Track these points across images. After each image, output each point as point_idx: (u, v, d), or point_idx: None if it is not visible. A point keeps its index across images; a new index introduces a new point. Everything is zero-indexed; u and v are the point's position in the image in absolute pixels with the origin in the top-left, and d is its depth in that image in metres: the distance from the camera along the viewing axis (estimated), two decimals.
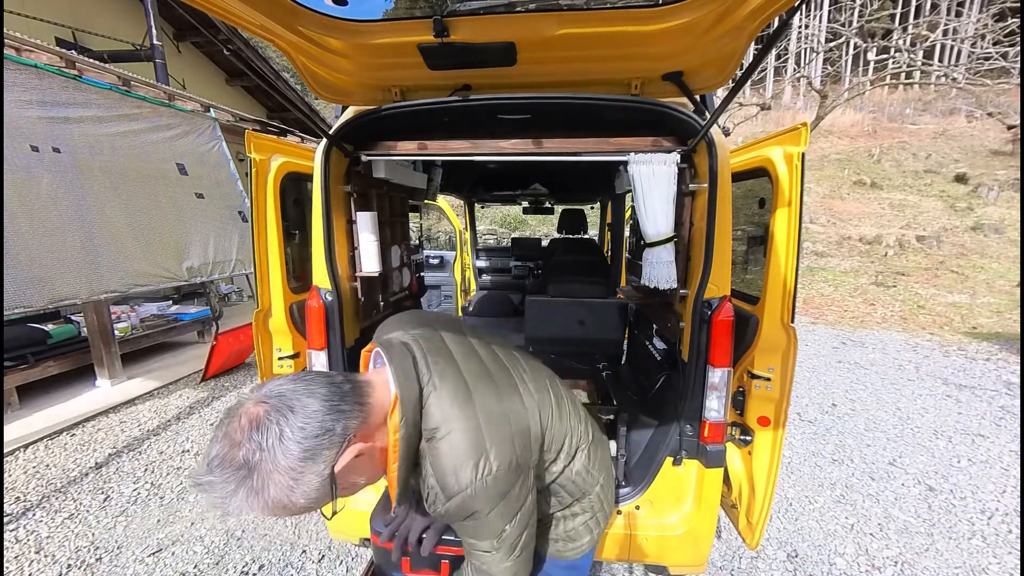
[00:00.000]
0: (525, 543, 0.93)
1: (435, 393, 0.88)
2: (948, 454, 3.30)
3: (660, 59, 1.33)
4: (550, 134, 1.62)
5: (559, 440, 1.04)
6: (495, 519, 0.86)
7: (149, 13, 5.73)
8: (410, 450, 0.86)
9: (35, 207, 3.10)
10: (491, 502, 0.84)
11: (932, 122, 18.42)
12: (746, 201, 2.01)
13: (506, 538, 0.89)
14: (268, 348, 1.90)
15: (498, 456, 0.84)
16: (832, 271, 9.91)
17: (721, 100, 1.24)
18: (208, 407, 4.11)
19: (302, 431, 0.71)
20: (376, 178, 1.99)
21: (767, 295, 1.64)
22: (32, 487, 2.89)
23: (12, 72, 3.05)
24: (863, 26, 16.14)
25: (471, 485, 0.82)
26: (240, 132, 4.37)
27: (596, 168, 2.21)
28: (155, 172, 4.05)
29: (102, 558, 2.31)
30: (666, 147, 1.58)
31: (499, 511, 0.86)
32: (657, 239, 1.63)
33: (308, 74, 1.42)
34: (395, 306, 2.46)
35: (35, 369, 4.00)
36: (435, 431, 0.85)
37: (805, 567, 2.25)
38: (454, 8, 1.12)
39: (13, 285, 2.89)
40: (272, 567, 2.25)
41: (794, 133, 1.56)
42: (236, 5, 0.99)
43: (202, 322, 5.80)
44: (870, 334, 6.47)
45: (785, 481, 2.95)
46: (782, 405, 1.66)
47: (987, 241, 10.68)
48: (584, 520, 1.17)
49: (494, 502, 0.85)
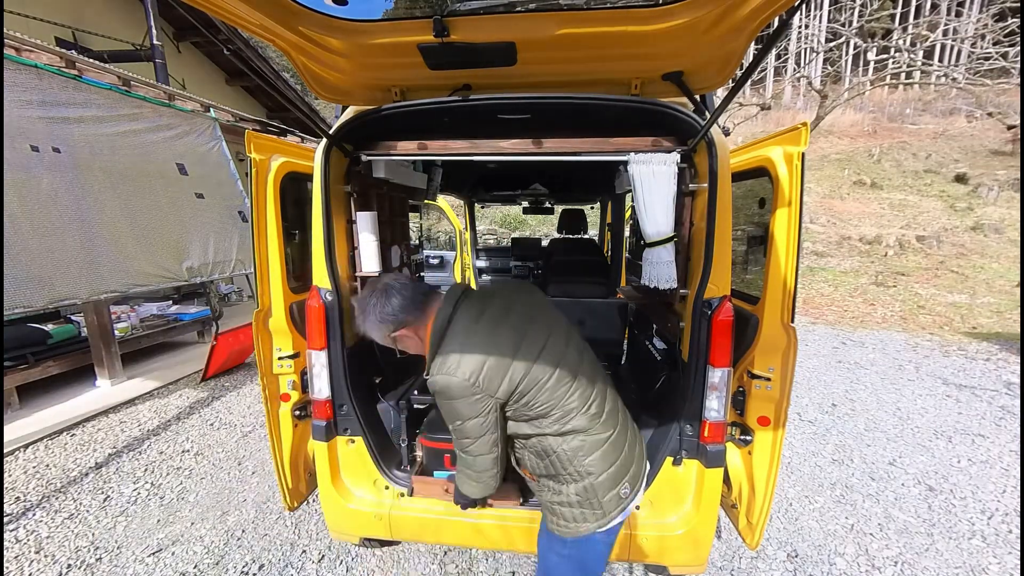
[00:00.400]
0: (477, 450, 1.24)
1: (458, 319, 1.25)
2: (948, 454, 3.30)
3: (660, 59, 1.33)
4: (550, 134, 1.62)
5: (543, 403, 1.21)
6: (448, 412, 1.22)
7: (149, 13, 5.73)
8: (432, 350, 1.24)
9: (35, 207, 3.10)
10: (445, 396, 1.18)
11: (932, 122, 18.41)
12: (746, 201, 2.01)
13: (458, 431, 1.23)
14: (268, 348, 1.90)
15: (462, 367, 1.16)
16: (832, 271, 9.91)
17: (721, 100, 1.24)
18: (208, 407, 4.11)
19: (381, 311, 1.26)
20: (376, 178, 1.99)
21: (767, 295, 1.64)
22: (32, 487, 2.89)
23: (12, 72, 3.05)
24: (863, 26, 16.14)
25: (437, 373, 1.19)
26: (240, 132, 4.37)
27: (596, 168, 2.21)
28: (155, 172, 4.05)
29: (102, 558, 2.31)
30: (666, 147, 1.58)
31: (451, 408, 1.20)
32: (657, 239, 1.63)
33: (308, 74, 1.42)
34: None
35: (35, 369, 4.00)
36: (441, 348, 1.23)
37: (805, 567, 2.25)
38: (454, 8, 1.12)
39: (13, 285, 2.89)
40: (272, 567, 2.25)
41: (794, 133, 1.56)
42: (236, 5, 0.99)
43: (202, 322, 5.81)
44: (870, 334, 6.47)
45: (785, 481, 2.95)
46: (782, 405, 1.66)
47: (987, 241, 10.68)
48: (574, 501, 1.26)
49: (447, 396, 1.18)
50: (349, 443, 1.87)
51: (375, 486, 1.87)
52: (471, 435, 1.22)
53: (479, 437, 1.22)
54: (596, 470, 1.24)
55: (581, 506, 1.26)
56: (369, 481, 1.89)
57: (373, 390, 2.07)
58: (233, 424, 3.78)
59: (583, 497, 1.25)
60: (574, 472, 1.24)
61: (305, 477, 2.09)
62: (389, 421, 2.02)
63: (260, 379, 1.89)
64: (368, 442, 1.85)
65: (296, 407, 1.95)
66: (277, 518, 2.60)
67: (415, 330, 1.28)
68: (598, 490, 1.24)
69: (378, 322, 1.27)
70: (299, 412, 1.96)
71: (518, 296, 1.36)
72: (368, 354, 2.06)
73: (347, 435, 1.86)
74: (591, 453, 1.23)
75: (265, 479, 2.98)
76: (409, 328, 1.27)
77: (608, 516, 1.26)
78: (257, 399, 4.24)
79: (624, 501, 1.29)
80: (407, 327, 1.27)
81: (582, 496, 1.25)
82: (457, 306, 1.26)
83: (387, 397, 2.06)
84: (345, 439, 1.86)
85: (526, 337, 1.23)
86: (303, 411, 1.97)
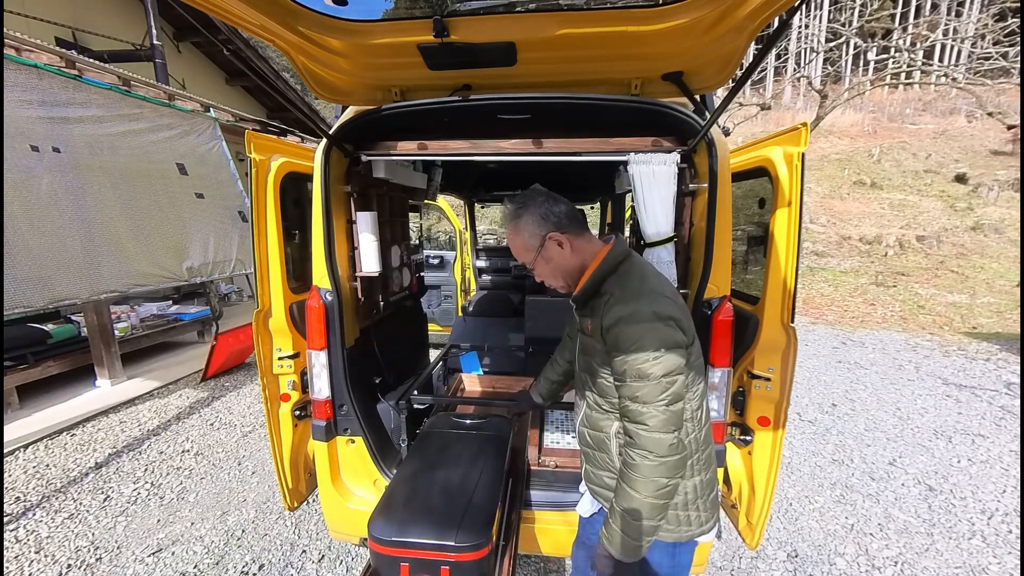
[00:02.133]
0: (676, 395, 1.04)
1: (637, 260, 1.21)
2: (948, 454, 3.30)
3: (660, 59, 1.33)
4: (550, 134, 1.62)
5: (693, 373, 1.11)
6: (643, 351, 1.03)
7: (149, 13, 5.73)
8: (599, 277, 1.17)
9: (35, 207, 3.09)
10: (643, 331, 1.04)
11: (932, 122, 18.41)
12: (746, 201, 2.01)
13: (651, 376, 1.02)
14: (268, 348, 1.90)
15: (658, 293, 1.09)
16: (832, 271, 9.91)
17: (721, 100, 1.24)
18: (208, 407, 4.11)
19: (548, 208, 1.20)
20: (376, 178, 1.99)
21: (767, 295, 1.64)
22: (32, 487, 2.89)
23: (12, 72, 3.05)
24: (863, 26, 16.15)
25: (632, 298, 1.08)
26: (240, 132, 4.36)
27: (596, 168, 2.21)
28: (155, 172, 4.05)
29: (102, 558, 2.31)
30: (666, 147, 1.58)
31: (648, 343, 1.03)
32: (657, 239, 1.63)
33: (308, 74, 1.42)
34: (395, 306, 2.46)
35: (35, 369, 4.00)
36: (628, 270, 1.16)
37: (805, 567, 2.25)
38: (454, 8, 1.12)
39: (13, 285, 2.89)
40: (272, 567, 2.25)
41: (794, 133, 1.56)
42: (236, 5, 0.99)
43: (202, 322, 5.80)
44: (870, 334, 6.47)
45: (785, 481, 2.95)
46: (782, 405, 1.66)
47: (987, 241, 10.68)
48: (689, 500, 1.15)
49: (645, 332, 1.03)
50: (349, 443, 1.87)
51: (375, 486, 1.87)
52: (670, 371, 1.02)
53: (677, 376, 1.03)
54: (710, 466, 1.17)
55: (687, 507, 1.14)
56: (369, 481, 1.88)
57: (373, 390, 2.07)
58: (233, 424, 3.78)
59: (697, 494, 1.15)
60: (691, 466, 1.14)
61: (305, 477, 2.09)
62: (389, 421, 2.02)
63: (260, 379, 1.89)
64: (368, 442, 1.85)
65: (296, 407, 1.95)
66: (277, 518, 2.60)
67: (571, 241, 1.20)
68: (708, 487, 1.16)
69: (540, 217, 1.19)
70: (299, 412, 1.96)
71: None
72: (368, 354, 2.06)
73: (347, 435, 1.86)
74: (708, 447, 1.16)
75: (265, 479, 2.98)
76: (566, 236, 1.19)
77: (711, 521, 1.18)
78: (257, 399, 4.24)
79: (718, 506, 1.21)
80: (565, 233, 1.19)
81: (698, 491, 1.15)
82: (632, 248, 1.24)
83: (387, 397, 2.06)
84: (345, 439, 1.86)
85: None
86: (303, 411, 1.97)
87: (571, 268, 1.22)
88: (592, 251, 1.21)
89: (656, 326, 1.03)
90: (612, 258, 1.16)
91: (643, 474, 1.04)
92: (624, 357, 1.05)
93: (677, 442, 1.04)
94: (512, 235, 1.24)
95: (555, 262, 1.22)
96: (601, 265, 1.16)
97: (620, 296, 1.10)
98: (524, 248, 1.23)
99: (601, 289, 1.16)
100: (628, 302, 1.07)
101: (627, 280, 1.13)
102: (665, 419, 1.02)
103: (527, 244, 1.22)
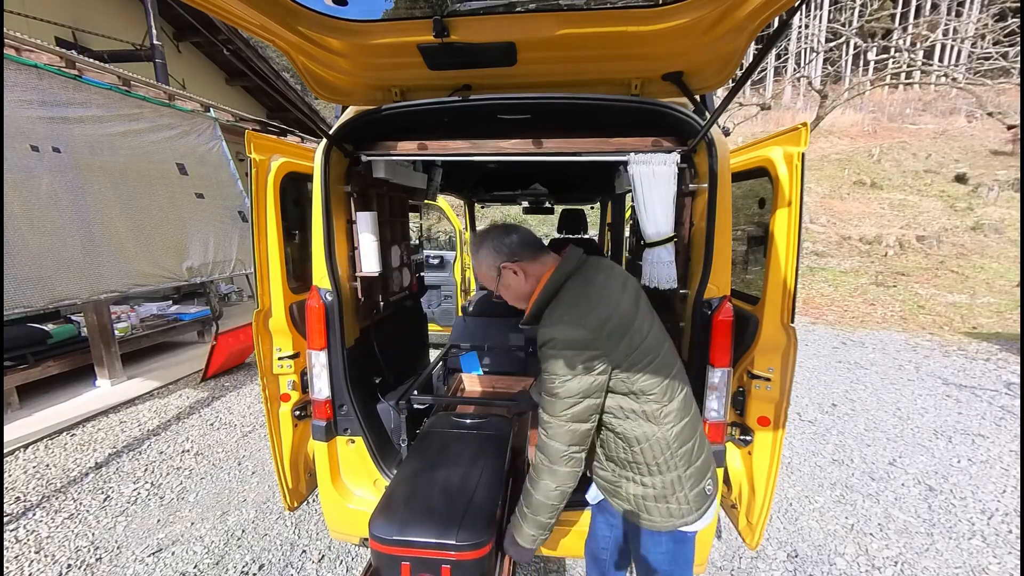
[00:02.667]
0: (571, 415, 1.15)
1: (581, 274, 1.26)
2: (948, 454, 3.30)
3: (660, 59, 1.33)
4: (550, 134, 1.62)
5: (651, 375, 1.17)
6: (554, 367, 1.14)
7: (149, 13, 5.73)
8: (545, 296, 1.24)
9: (35, 207, 3.09)
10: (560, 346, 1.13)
11: (932, 122, 18.41)
12: (746, 201, 2.01)
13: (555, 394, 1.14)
14: (268, 348, 1.90)
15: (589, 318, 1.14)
16: (832, 271, 9.91)
17: (721, 100, 1.24)
18: (208, 407, 4.11)
19: (500, 240, 1.31)
20: (376, 178, 1.99)
21: (767, 295, 1.64)
22: (32, 487, 2.89)
23: (12, 72, 3.05)
24: (863, 26, 16.15)
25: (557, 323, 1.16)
26: (240, 132, 4.36)
27: (596, 168, 2.21)
28: (155, 172, 4.05)
29: (102, 558, 2.31)
30: (666, 147, 1.58)
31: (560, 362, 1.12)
32: (657, 239, 1.62)
33: (308, 74, 1.42)
34: (395, 306, 2.46)
35: (35, 369, 4.00)
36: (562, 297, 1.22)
37: (805, 567, 2.25)
38: (454, 8, 1.12)
39: (13, 285, 2.89)
40: (272, 567, 2.25)
41: (794, 133, 1.56)
42: (236, 5, 0.99)
43: (202, 322, 5.80)
44: (870, 334, 6.47)
45: (785, 481, 2.95)
46: (782, 405, 1.66)
47: (987, 241, 10.68)
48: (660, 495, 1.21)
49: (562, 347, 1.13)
50: (349, 443, 1.87)
51: (375, 486, 1.87)
52: (572, 394, 1.13)
53: (580, 400, 1.14)
54: (684, 463, 1.21)
55: (666, 499, 1.21)
56: (369, 481, 1.88)
57: (373, 390, 2.07)
58: (233, 424, 3.78)
59: (670, 491, 1.20)
60: (664, 463, 1.19)
61: (305, 477, 2.09)
62: (389, 421, 2.02)
63: (260, 379, 1.89)
64: (368, 442, 1.85)
65: (296, 407, 1.95)
66: (277, 518, 2.60)
67: (524, 268, 1.29)
68: (685, 484, 1.20)
69: (494, 250, 1.30)
70: (299, 412, 1.96)
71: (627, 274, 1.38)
72: (368, 354, 2.06)
73: (347, 435, 1.86)
74: (683, 444, 1.20)
75: (265, 479, 2.98)
76: (519, 264, 1.29)
77: (696, 513, 1.23)
78: (257, 399, 4.24)
79: (709, 499, 1.25)
80: (519, 262, 1.29)
81: (669, 489, 1.20)
82: (580, 264, 1.27)
83: (387, 397, 2.06)
84: (345, 439, 1.86)
85: (640, 308, 1.24)
86: (303, 411, 1.97)
87: (526, 293, 1.31)
88: (540, 274, 1.29)
89: (564, 353, 1.13)
90: (552, 284, 1.24)
91: (538, 474, 1.21)
92: (543, 376, 1.19)
93: (568, 456, 1.18)
94: (476, 266, 1.37)
95: (512, 288, 1.32)
96: (542, 292, 1.24)
97: (546, 320, 1.20)
98: (486, 278, 1.36)
99: (544, 313, 1.24)
100: (546, 327, 1.18)
101: (556, 306, 1.21)
102: (562, 432, 1.16)
103: (487, 275, 1.34)
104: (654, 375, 1.17)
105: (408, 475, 1.52)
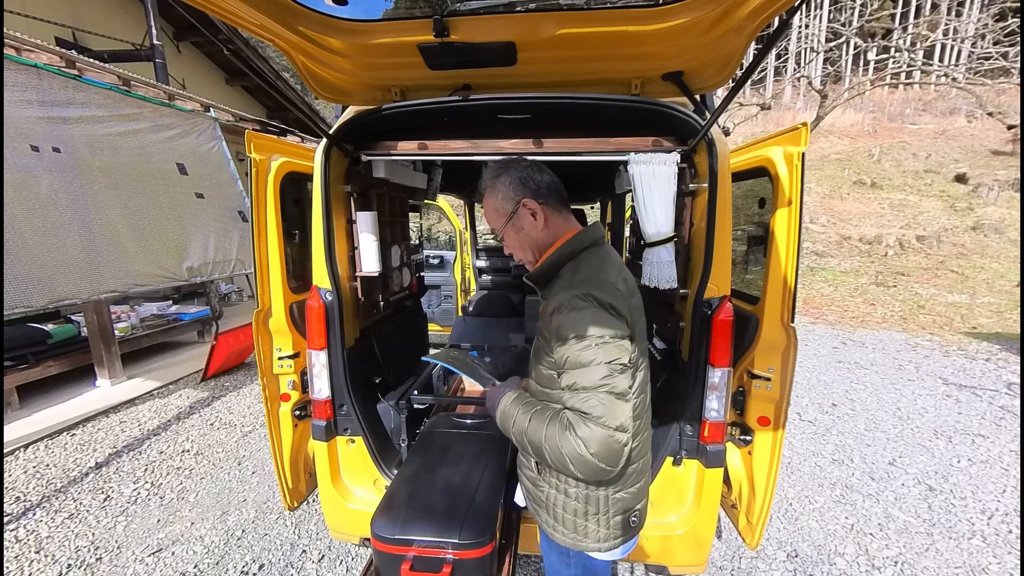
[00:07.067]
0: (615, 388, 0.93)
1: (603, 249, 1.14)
2: (948, 454, 3.30)
3: (660, 59, 1.33)
4: (550, 134, 1.62)
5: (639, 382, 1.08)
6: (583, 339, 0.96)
7: (149, 13, 5.73)
8: (559, 258, 1.11)
9: (35, 207, 3.09)
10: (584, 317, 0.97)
11: (932, 122, 18.40)
12: (746, 201, 2.01)
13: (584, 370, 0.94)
14: (268, 348, 1.90)
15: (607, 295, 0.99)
16: (832, 271, 9.91)
17: (721, 100, 1.24)
18: (208, 407, 4.11)
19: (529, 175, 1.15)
20: (376, 178, 1.99)
21: (767, 295, 1.64)
22: (32, 487, 2.89)
23: (12, 72, 3.05)
24: (863, 26, 16.15)
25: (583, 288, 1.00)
26: (240, 132, 4.36)
27: (596, 168, 2.21)
28: (155, 172, 4.05)
29: (102, 558, 2.31)
30: (666, 147, 1.58)
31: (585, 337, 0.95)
32: (657, 239, 1.63)
33: (308, 74, 1.42)
34: (395, 306, 2.46)
35: (35, 369, 4.00)
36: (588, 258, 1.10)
37: (805, 567, 2.25)
38: (454, 8, 1.12)
39: (13, 285, 2.89)
40: (272, 567, 2.25)
41: (794, 133, 1.56)
42: (236, 5, 0.99)
43: (202, 322, 5.80)
44: (870, 334, 6.47)
45: (785, 481, 2.95)
46: (782, 405, 1.66)
47: (987, 241, 10.67)
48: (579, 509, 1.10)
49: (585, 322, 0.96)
50: (349, 443, 1.87)
51: (375, 486, 1.87)
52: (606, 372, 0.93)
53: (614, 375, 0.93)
54: (632, 483, 1.12)
55: (586, 516, 1.10)
56: (369, 481, 1.88)
57: (373, 390, 2.06)
58: (233, 424, 3.78)
59: (591, 505, 1.09)
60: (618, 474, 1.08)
61: (305, 477, 2.09)
62: (389, 421, 2.02)
63: (260, 379, 1.90)
64: (368, 442, 1.85)
65: (296, 407, 1.95)
66: (277, 518, 2.60)
67: (545, 213, 1.13)
68: (611, 506, 1.09)
69: (519, 180, 1.13)
70: (299, 412, 1.96)
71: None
72: (368, 354, 2.06)
73: (347, 435, 1.86)
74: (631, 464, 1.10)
75: (265, 479, 2.98)
76: (541, 208, 1.12)
77: (611, 541, 1.11)
78: (257, 399, 4.24)
79: (631, 531, 1.15)
80: (542, 204, 1.12)
81: (590, 504, 1.09)
82: (602, 240, 1.15)
83: (387, 397, 2.06)
84: (345, 439, 1.86)
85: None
86: (303, 411, 1.97)
87: (541, 242, 1.15)
88: (564, 230, 1.15)
89: (599, 312, 0.96)
90: (577, 242, 1.10)
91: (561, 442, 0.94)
92: (564, 345, 0.98)
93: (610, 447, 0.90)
94: (488, 197, 1.17)
95: (525, 232, 1.14)
96: (565, 246, 1.10)
97: (569, 281, 1.04)
98: (496, 212, 1.16)
99: (559, 272, 1.10)
100: (574, 288, 1.01)
101: (583, 266, 1.07)
102: (607, 408, 0.91)
103: (500, 207, 1.15)
104: (643, 381, 1.10)
105: (409, 475, 1.52)
